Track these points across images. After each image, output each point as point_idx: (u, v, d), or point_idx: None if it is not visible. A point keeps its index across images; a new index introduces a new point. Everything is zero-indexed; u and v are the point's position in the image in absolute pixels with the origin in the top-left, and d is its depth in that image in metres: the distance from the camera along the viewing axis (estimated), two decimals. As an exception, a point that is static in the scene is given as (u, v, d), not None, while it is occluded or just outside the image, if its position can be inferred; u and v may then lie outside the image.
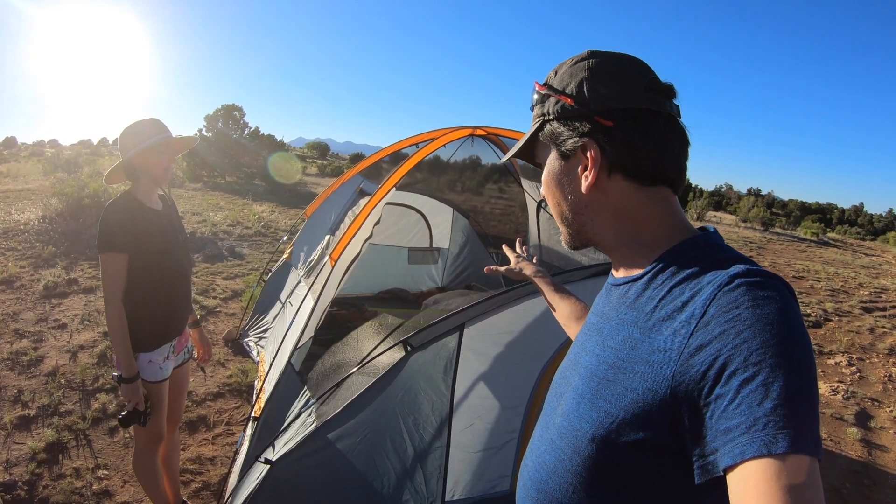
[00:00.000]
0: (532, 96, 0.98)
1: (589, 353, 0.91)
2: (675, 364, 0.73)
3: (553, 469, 0.89)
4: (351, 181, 4.91)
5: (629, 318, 0.85)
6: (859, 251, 22.80)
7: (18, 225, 9.10)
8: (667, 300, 0.79)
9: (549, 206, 0.99)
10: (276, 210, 14.27)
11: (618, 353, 0.83)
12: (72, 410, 3.78)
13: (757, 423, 0.62)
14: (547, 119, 0.92)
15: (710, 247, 0.84)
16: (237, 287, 7.05)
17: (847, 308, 9.45)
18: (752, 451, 0.62)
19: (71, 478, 3.09)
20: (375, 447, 2.08)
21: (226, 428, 3.78)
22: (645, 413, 0.75)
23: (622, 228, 0.91)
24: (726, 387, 0.66)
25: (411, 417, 2.14)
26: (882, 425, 4.91)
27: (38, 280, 6.46)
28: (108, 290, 2.25)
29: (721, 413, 0.66)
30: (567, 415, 0.88)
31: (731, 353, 0.67)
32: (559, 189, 0.94)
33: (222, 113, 24.02)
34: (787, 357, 0.65)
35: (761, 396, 0.63)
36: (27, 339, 4.89)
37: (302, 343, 3.09)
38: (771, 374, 0.64)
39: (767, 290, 0.70)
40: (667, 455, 0.75)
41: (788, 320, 0.68)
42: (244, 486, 2.17)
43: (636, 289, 0.87)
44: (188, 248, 2.60)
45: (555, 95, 0.91)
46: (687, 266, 0.81)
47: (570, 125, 0.89)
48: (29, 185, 16.27)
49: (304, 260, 4.56)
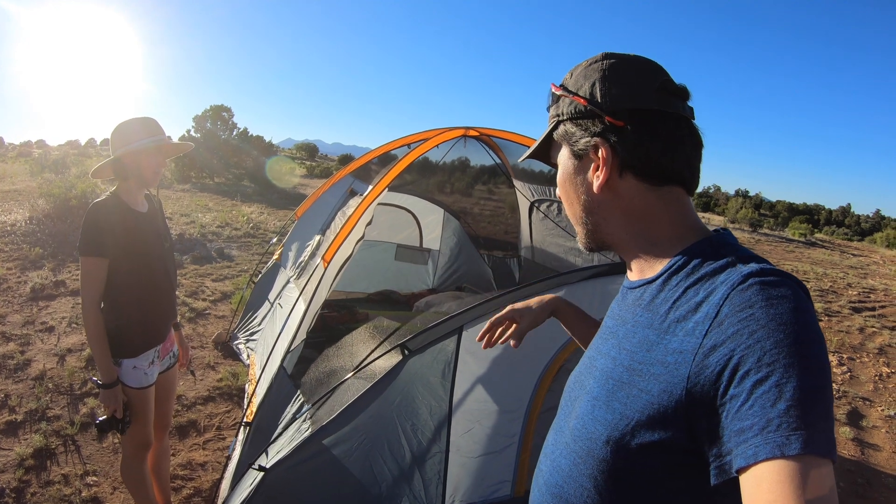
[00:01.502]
0: (548, 97, 0.99)
1: (604, 356, 0.91)
2: (689, 365, 0.72)
3: (568, 473, 0.89)
4: (341, 182, 4.88)
5: (644, 320, 0.85)
6: (847, 252, 22.98)
7: (5, 226, 8.99)
8: (681, 301, 0.79)
9: (564, 207, 1.00)
10: (265, 211, 14.21)
11: (633, 355, 0.83)
12: (60, 415, 3.72)
13: (770, 425, 0.62)
14: (561, 119, 0.94)
15: (724, 247, 0.83)
16: (226, 289, 6.99)
17: (836, 308, 9.52)
18: (764, 453, 0.61)
19: (59, 484, 3.04)
20: (372, 453, 2.05)
21: (217, 433, 3.72)
22: (660, 415, 0.75)
23: (634, 229, 0.91)
24: (740, 387, 0.66)
25: (409, 422, 2.11)
26: (874, 424, 4.94)
27: (25, 282, 6.36)
28: (87, 294, 2.21)
29: (735, 414, 0.66)
30: (582, 417, 0.88)
31: (744, 353, 0.67)
32: (573, 188, 0.95)
33: (211, 113, 23.94)
34: (801, 357, 0.65)
35: (774, 397, 0.63)
36: (14, 342, 4.81)
37: (294, 346, 3.05)
38: (784, 374, 0.63)
39: (781, 288, 0.70)
40: (682, 457, 0.75)
41: (802, 320, 0.68)
42: (237, 494, 2.13)
43: (651, 291, 0.87)
44: (173, 252, 2.56)
45: (569, 96, 0.92)
46: (701, 267, 0.81)
47: (583, 125, 0.90)
48: (16, 185, 16.09)
49: (294, 261, 4.52)
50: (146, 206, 2.44)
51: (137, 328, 2.33)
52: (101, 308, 2.26)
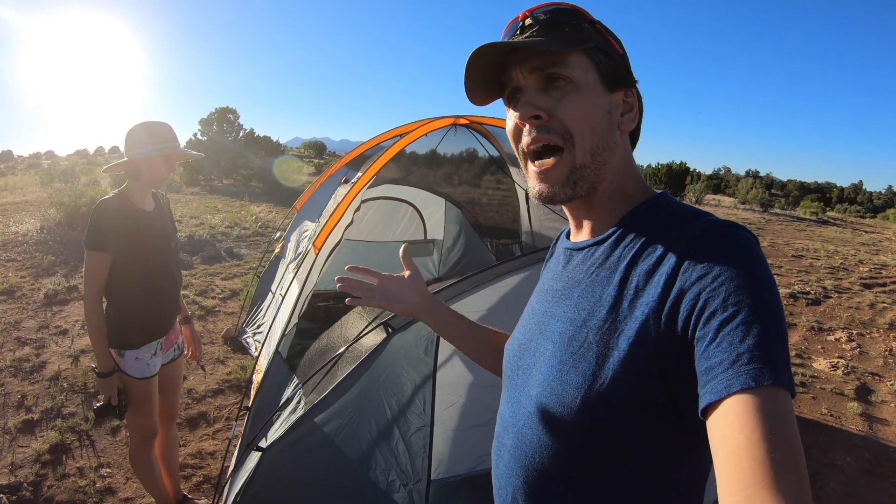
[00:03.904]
0: (559, 13, 0.89)
1: (560, 319, 0.89)
2: (656, 316, 0.74)
3: (539, 443, 0.88)
4: (337, 173, 5.01)
5: (602, 277, 0.85)
6: (859, 229, 22.75)
7: (17, 236, 9.14)
8: (642, 256, 0.81)
9: (576, 127, 0.87)
10: (273, 210, 14.29)
11: (595, 313, 0.83)
12: (74, 413, 3.83)
13: (741, 359, 0.64)
14: (599, 47, 0.88)
15: (671, 205, 0.87)
16: (235, 287, 7.10)
17: (847, 285, 9.43)
18: (738, 384, 0.62)
19: (75, 477, 3.14)
20: (361, 429, 2.11)
21: (226, 423, 3.82)
22: (633, 369, 0.76)
23: (619, 180, 0.92)
24: (706, 328, 0.68)
25: (395, 398, 2.17)
26: (883, 399, 4.90)
27: (39, 289, 6.50)
28: (88, 287, 2.31)
29: (702, 353, 0.68)
30: (547, 384, 0.86)
31: (709, 295, 0.69)
32: (600, 118, 0.87)
33: (216, 116, 23.95)
34: (762, 298, 0.68)
35: (742, 334, 0.65)
36: (29, 346, 4.94)
37: (288, 330, 3.13)
38: (749, 313, 0.66)
39: (737, 237, 0.74)
40: (657, 412, 0.76)
41: (759, 263, 0.71)
42: (240, 476, 2.21)
43: (604, 249, 0.88)
44: (177, 250, 2.65)
45: (605, 35, 0.91)
46: (656, 222, 0.84)
47: (619, 68, 0.90)
48: (27, 196, 16.31)
49: (294, 251, 4.61)
50: (153, 204, 2.53)
51: (139, 321, 2.42)
52: (103, 301, 2.37)
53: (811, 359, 5.83)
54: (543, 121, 0.87)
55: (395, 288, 1.28)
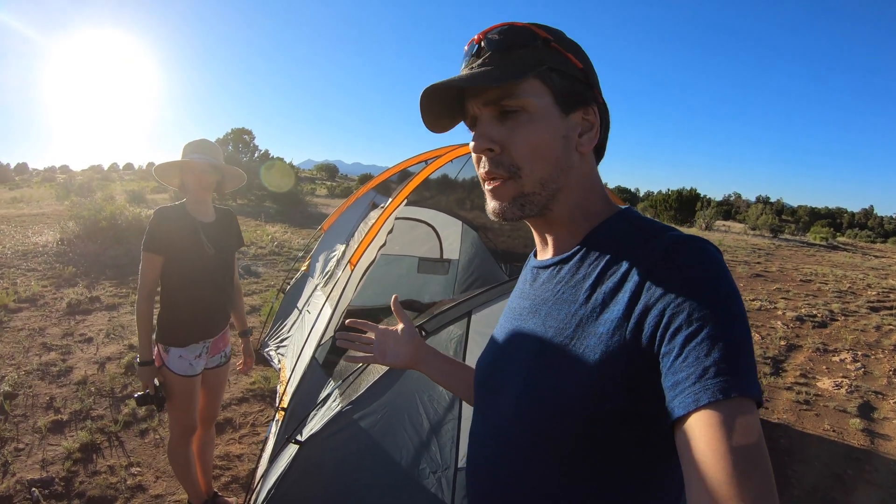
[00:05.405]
0: (508, 34, 0.87)
1: (528, 338, 0.90)
2: (623, 331, 0.75)
3: (511, 458, 0.89)
4: (364, 197, 5.27)
5: (568, 295, 0.86)
6: (869, 254, 22.73)
7: (37, 247, 9.37)
8: (607, 273, 0.82)
9: (525, 161, 0.86)
10: (288, 231, 14.49)
11: (562, 331, 0.83)
12: (103, 415, 3.97)
13: (707, 372, 0.65)
14: (552, 68, 0.86)
15: (636, 220, 0.88)
16: (255, 303, 7.23)
17: (854, 308, 9.51)
18: (706, 398, 0.64)
19: (105, 474, 3.27)
20: (394, 422, 2.25)
21: (251, 429, 3.96)
22: (601, 384, 0.77)
23: (579, 198, 0.91)
24: (672, 343, 0.69)
25: (426, 394, 2.32)
26: (885, 416, 4.95)
27: (61, 298, 6.67)
28: (141, 284, 2.51)
29: (668, 369, 0.69)
30: (520, 400, 0.87)
31: (674, 311, 0.70)
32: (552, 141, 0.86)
33: (232, 136, 24.25)
34: (726, 311, 0.69)
35: (708, 348, 0.66)
36: (55, 351, 5.10)
37: (324, 341, 3.29)
38: (714, 328, 0.67)
39: (700, 252, 0.75)
40: (629, 425, 0.77)
41: (723, 276, 0.73)
42: (275, 469, 2.35)
43: (570, 267, 0.89)
44: (230, 260, 2.80)
45: (563, 52, 0.88)
46: (621, 238, 0.85)
47: (576, 86, 0.88)
48: (43, 209, 16.63)
49: (322, 270, 4.78)
50: (212, 217, 2.71)
51: (184, 322, 2.58)
52: (154, 298, 2.55)
53: (815, 378, 5.89)
54: (496, 153, 0.87)
55: (392, 343, 1.31)
